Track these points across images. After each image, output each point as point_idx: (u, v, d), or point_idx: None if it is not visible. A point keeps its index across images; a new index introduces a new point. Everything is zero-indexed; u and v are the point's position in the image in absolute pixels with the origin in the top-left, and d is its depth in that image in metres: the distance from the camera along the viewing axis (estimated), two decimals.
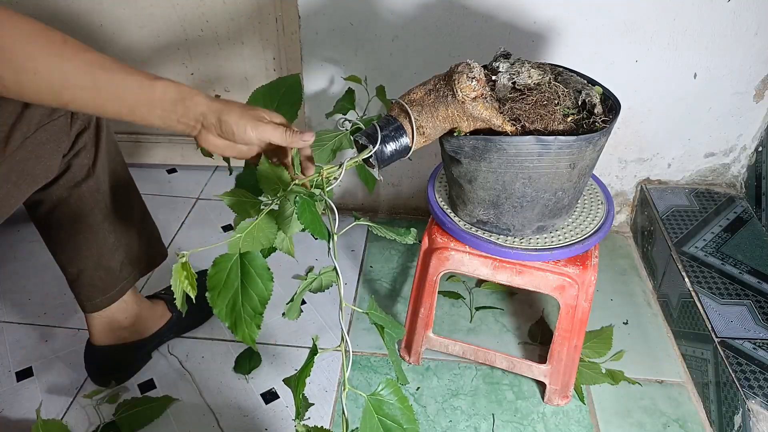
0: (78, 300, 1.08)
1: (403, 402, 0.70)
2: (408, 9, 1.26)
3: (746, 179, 1.43)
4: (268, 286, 0.71)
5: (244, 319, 0.70)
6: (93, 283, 1.05)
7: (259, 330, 0.70)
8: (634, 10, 1.22)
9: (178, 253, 0.71)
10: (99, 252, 1.03)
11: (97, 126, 0.96)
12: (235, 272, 0.71)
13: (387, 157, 0.83)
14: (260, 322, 0.70)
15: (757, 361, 1.06)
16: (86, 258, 1.03)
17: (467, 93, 0.82)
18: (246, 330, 0.70)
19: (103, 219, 1.01)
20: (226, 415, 1.11)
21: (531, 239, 0.98)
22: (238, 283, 0.70)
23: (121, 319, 1.11)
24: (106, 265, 1.05)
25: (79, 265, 1.03)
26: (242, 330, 0.70)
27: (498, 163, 0.87)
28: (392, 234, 0.85)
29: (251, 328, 0.70)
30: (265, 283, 0.71)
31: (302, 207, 0.71)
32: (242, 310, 0.70)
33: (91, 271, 1.04)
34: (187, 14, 1.49)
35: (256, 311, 0.70)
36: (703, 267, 1.25)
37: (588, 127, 0.86)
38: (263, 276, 0.71)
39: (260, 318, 0.70)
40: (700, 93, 1.33)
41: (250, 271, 0.71)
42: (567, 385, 1.12)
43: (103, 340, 1.12)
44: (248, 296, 0.70)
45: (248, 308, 0.70)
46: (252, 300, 0.70)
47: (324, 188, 0.78)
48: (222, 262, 0.71)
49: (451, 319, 1.32)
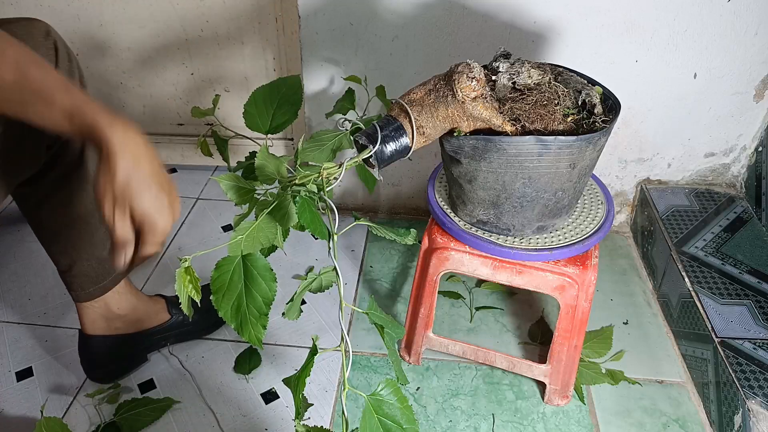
0: (70, 290, 1.07)
1: (402, 402, 0.70)
2: (408, 9, 1.26)
3: (746, 179, 1.43)
4: (271, 286, 0.71)
5: (249, 320, 0.71)
6: (85, 273, 1.04)
7: (265, 330, 0.71)
8: (634, 10, 1.22)
9: (181, 258, 0.71)
10: (90, 242, 1.02)
11: None
12: (238, 274, 0.71)
13: (387, 157, 0.83)
14: (266, 322, 0.71)
15: (757, 361, 1.06)
16: (78, 249, 1.02)
17: (467, 93, 0.82)
18: (252, 331, 0.71)
19: (94, 209, 1.00)
20: (226, 415, 1.11)
21: (531, 239, 0.98)
22: (242, 285, 0.71)
23: (114, 309, 1.10)
24: (98, 256, 1.04)
25: (72, 256, 1.02)
26: (248, 331, 0.71)
27: (498, 163, 0.87)
28: (392, 234, 0.85)
29: (257, 329, 0.71)
30: (269, 283, 0.71)
31: (302, 206, 0.72)
32: (247, 311, 0.71)
33: (84, 262, 1.03)
34: (187, 14, 1.49)
35: (261, 312, 0.71)
36: (703, 267, 1.25)
37: (588, 127, 0.86)
38: (266, 277, 0.71)
39: (266, 318, 0.71)
40: (700, 93, 1.33)
41: (253, 272, 0.71)
42: (567, 385, 1.12)
43: (95, 330, 1.11)
44: (252, 297, 0.71)
45: (253, 309, 0.71)
46: (256, 301, 0.71)
47: (324, 188, 0.78)
48: (224, 265, 0.71)
49: (451, 319, 1.32)
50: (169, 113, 1.66)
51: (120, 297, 1.11)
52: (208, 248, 1.48)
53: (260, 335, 0.71)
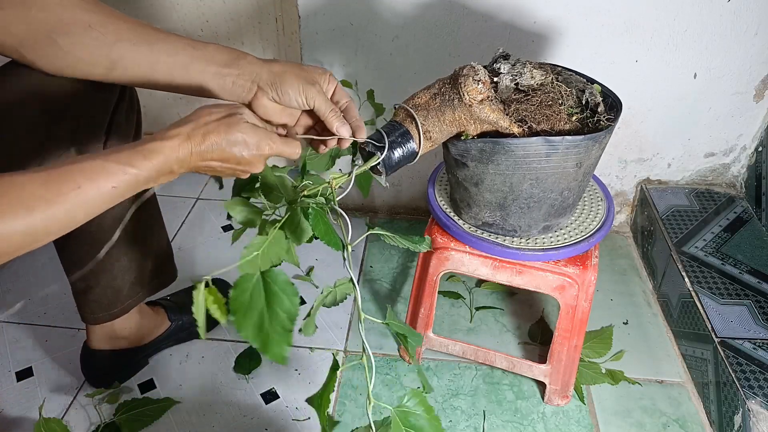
0: (79, 311, 1.07)
1: (429, 412, 0.68)
2: (408, 9, 1.26)
3: (746, 179, 1.43)
4: (294, 301, 0.68)
5: (273, 338, 0.67)
6: (98, 299, 1.04)
7: (289, 347, 0.67)
8: (634, 10, 1.22)
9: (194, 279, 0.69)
10: (111, 274, 1.02)
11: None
12: (258, 292, 0.68)
13: (395, 163, 0.82)
14: (290, 339, 0.67)
15: (757, 361, 1.06)
16: (97, 277, 1.01)
17: (474, 96, 0.81)
18: (276, 349, 0.67)
19: (120, 242, 1.00)
20: (226, 415, 1.11)
21: (537, 239, 0.98)
22: (263, 303, 0.68)
23: (119, 330, 1.11)
24: (115, 286, 1.03)
25: (88, 281, 1.02)
26: (272, 349, 0.67)
27: (506, 165, 0.87)
28: (406, 243, 0.82)
29: (281, 347, 0.67)
30: (291, 298, 0.68)
31: (315, 218, 0.70)
32: (270, 329, 0.67)
33: (100, 290, 1.03)
34: (187, 14, 1.49)
35: (285, 329, 0.67)
36: (703, 267, 1.25)
37: (593, 126, 0.86)
38: (288, 291, 0.68)
39: (290, 335, 0.67)
40: (700, 93, 1.33)
41: (274, 288, 0.68)
42: (567, 385, 1.12)
43: (100, 345, 1.11)
44: (275, 314, 0.67)
45: (277, 326, 0.67)
46: (280, 318, 0.67)
47: (334, 198, 0.76)
48: (243, 284, 0.68)
49: (451, 319, 1.32)
50: (169, 113, 1.66)
51: (125, 320, 1.10)
52: (207, 248, 1.48)
53: (285, 353, 0.67)
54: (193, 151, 0.65)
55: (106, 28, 0.70)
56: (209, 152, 0.65)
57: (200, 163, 0.66)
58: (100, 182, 0.60)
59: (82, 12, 0.71)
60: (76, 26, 0.70)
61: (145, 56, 0.72)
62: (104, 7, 0.72)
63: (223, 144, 0.65)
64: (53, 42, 0.70)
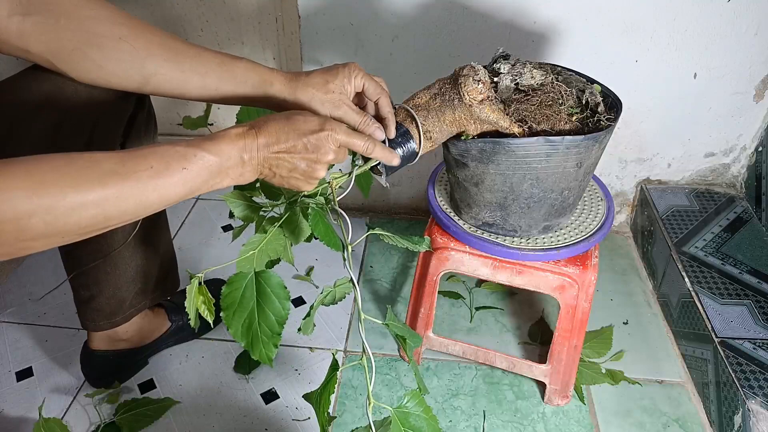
0: (80, 317, 1.07)
1: (428, 413, 0.69)
2: (408, 9, 1.26)
3: (746, 179, 1.43)
4: (284, 305, 0.69)
5: (261, 339, 0.68)
6: (101, 308, 1.04)
7: (276, 349, 0.68)
8: (634, 10, 1.22)
9: (190, 274, 0.69)
10: (115, 283, 1.02)
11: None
12: (250, 291, 0.69)
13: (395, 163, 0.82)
14: (278, 341, 0.68)
15: (757, 361, 1.06)
16: (101, 286, 1.02)
17: (474, 96, 0.81)
18: (263, 350, 0.68)
19: (127, 254, 1.00)
20: (226, 415, 1.11)
21: (537, 239, 0.98)
22: (254, 303, 0.68)
23: (120, 333, 1.11)
24: (119, 296, 1.04)
25: (92, 291, 1.02)
26: (259, 350, 0.68)
27: (506, 165, 0.87)
28: (406, 243, 0.83)
29: (268, 348, 0.68)
30: (282, 302, 0.69)
31: (315, 218, 0.70)
32: (259, 330, 0.68)
33: (103, 299, 1.03)
34: (187, 14, 1.49)
35: (273, 331, 0.68)
36: (703, 267, 1.25)
37: (593, 126, 0.86)
38: (279, 295, 0.69)
39: (278, 338, 0.68)
40: (700, 93, 1.33)
41: (266, 289, 0.69)
42: (567, 385, 1.12)
43: (100, 346, 1.11)
44: (265, 316, 0.68)
45: (265, 328, 0.68)
46: (269, 319, 0.68)
47: (335, 199, 0.76)
48: (236, 281, 0.68)
49: (451, 319, 1.32)
50: (169, 113, 1.66)
51: (126, 324, 1.10)
52: (208, 248, 1.48)
53: (271, 354, 0.68)
54: (258, 135, 0.66)
55: (137, 41, 0.72)
56: (272, 134, 0.66)
57: (269, 153, 0.66)
58: (171, 163, 0.61)
59: (112, 25, 0.72)
60: (108, 39, 0.71)
61: (175, 74, 0.73)
62: (134, 20, 0.74)
63: (285, 128, 0.67)
64: (85, 55, 0.72)
